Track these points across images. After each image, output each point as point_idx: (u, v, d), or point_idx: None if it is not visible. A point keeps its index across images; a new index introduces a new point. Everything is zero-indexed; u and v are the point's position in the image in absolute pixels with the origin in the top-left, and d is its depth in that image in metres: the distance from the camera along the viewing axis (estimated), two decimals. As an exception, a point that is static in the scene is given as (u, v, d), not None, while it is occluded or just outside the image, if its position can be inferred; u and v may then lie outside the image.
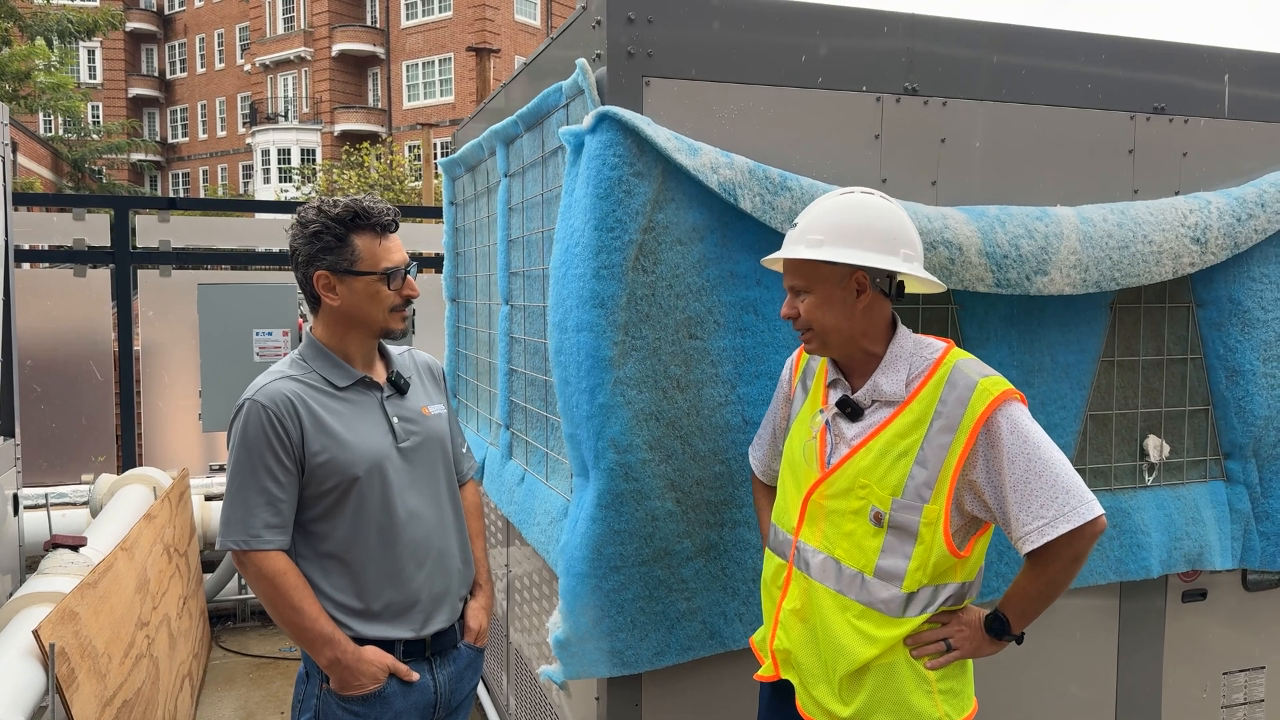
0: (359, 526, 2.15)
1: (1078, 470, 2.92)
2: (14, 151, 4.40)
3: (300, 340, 5.15)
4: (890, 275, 2.02)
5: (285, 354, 5.07)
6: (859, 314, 2.02)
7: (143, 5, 48.69)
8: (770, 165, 2.53)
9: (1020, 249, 2.67)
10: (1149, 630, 3.17)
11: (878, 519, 1.97)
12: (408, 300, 2.25)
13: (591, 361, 2.46)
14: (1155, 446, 3.05)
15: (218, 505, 5.74)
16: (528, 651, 3.42)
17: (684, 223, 2.50)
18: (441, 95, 38.23)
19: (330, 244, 2.16)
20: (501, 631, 3.82)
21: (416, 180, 25.74)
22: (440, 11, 38.47)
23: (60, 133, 31.33)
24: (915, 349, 2.04)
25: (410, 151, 33.10)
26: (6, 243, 4.46)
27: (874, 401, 2.03)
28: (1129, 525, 3.00)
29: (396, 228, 2.26)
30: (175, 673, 3.94)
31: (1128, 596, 3.13)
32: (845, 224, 2.00)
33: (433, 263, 6.64)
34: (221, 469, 5.91)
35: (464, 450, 2.56)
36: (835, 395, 2.09)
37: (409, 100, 39.52)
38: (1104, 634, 3.12)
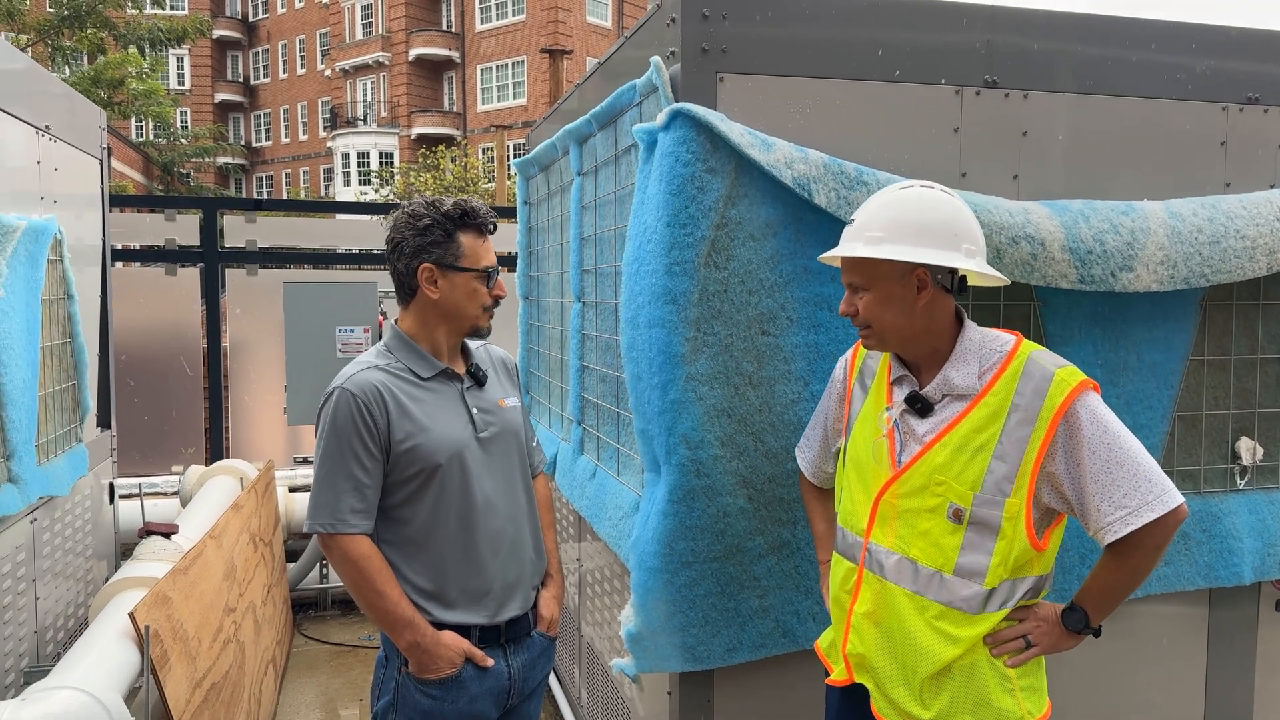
0: (439, 513, 2.21)
1: (1165, 472, 2.86)
2: (109, 156, 4.59)
3: (380, 336, 5.28)
4: (952, 271, 1.98)
5: (367, 350, 5.22)
6: (920, 311, 1.98)
7: (229, 13, 50.30)
8: (847, 160, 2.51)
9: (1105, 244, 2.61)
10: (1240, 640, 3.06)
11: (957, 515, 1.93)
12: (497, 300, 2.32)
13: (663, 357, 2.47)
14: (1248, 449, 2.94)
15: (302, 496, 5.90)
16: (600, 645, 3.45)
17: (757, 218, 2.50)
18: (515, 98, 38.67)
19: (439, 239, 2.22)
20: (574, 625, 3.86)
21: (490, 182, 26.08)
22: (514, 15, 38.91)
23: (151, 138, 32.55)
24: (984, 342, 2.00)
25: (484, 153, 33.57)
26: (104, 242, 4.66)
27: (945, 396, 1.99)
28: (1219, 530, 2.90)
29: (495, 230, 2.32)
30: (260, 658, 4.07)
31: (1218, 604, 3.03)
32: (905, 220, 1.95)
33: (505, 261, 6.74)
34: (305, 461, 6.08)
35: (534, 444, 2.60)
36: (901, 392, 2.05)
37: (483, 103, 40.06)
38: (1192, 642, 3.02)
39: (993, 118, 2.68)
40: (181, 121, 45.12)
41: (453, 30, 41.84)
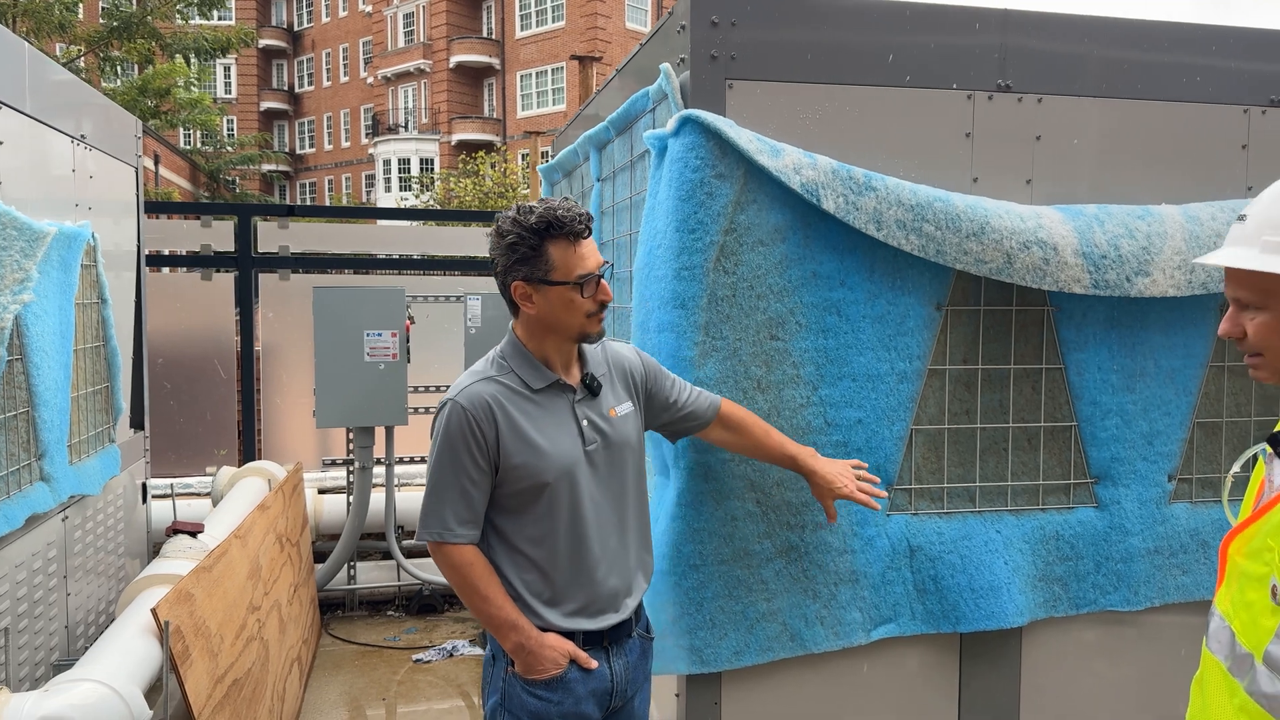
0: (547, 524, 2.23)
1: (1181, 479, 2.81)
2: (156, 163, 4.72)
3: (407, 340, 5.35)
4: None
5: (394, 355, 5.29)
6: None
7: (274, 22, 51.18)
8: (856, 166, 2.51)
9: (1120, 249, 2.58)
10: None
11: (1275, 593, 1.56)
12: (603, 305, 2.26)
13: (672, 361, 2.49)
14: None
15: (330, 498, 6.00)
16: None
17: (766, 224, 2.51)
18: (554, 104, 38.89)
19: (526, 254, 2.17)
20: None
21: (527, 187, 26.27)
22: (553, 21, 39.16)
23: (198, 145, 33.21)
24: None
25: (524, 160, 33.81)
26: (139, 248, 4.78)
27: None
28: (1241, 540, 2.84)
29: (590, 232, 2.23)
30: (285, 656, 4.14)
31: None
32: None
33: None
34: (334, 464, 6.17)
35: (691, 396, 2.44)
36: None
37: (523, 109, 40.33)
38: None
39: (1005, 122, 2.67)
40: (227, 129, 45.96)
41: (493, 37, 42.19)
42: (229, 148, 34.00)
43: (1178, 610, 2.86)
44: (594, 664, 2.26)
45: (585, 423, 2.27)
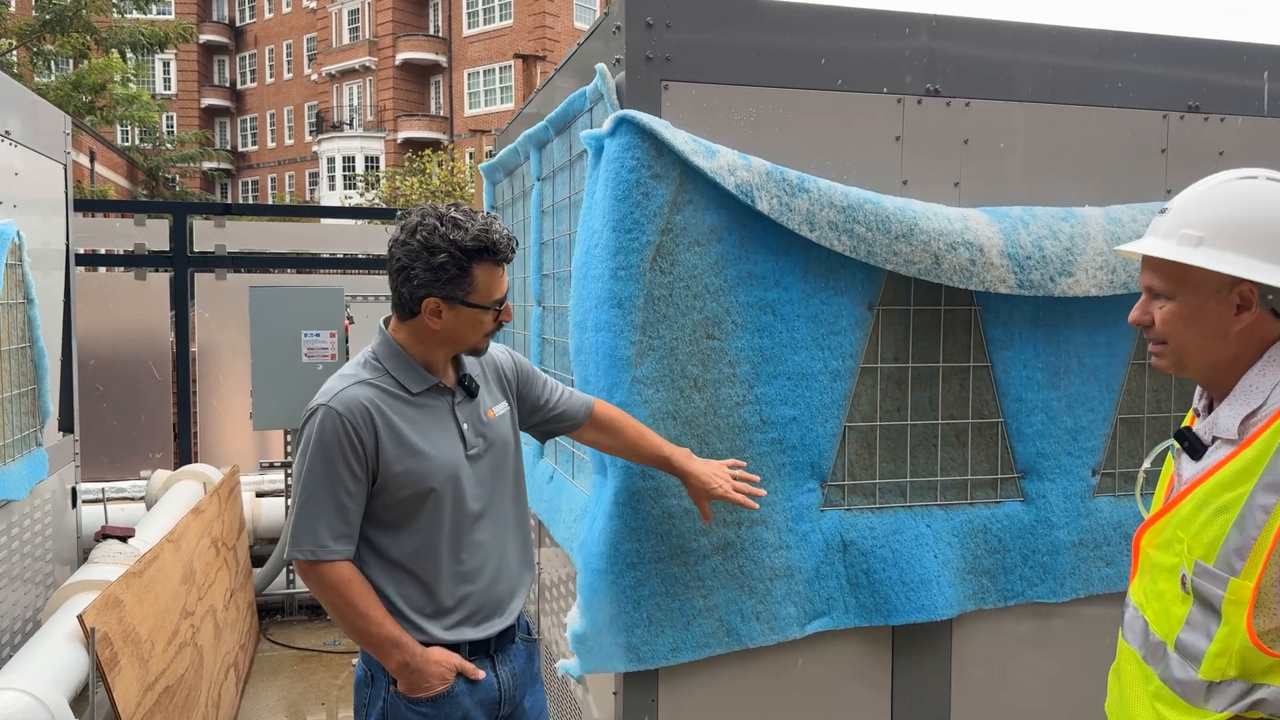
0: (429, 534, 2.14)
1: (1105, 474, 2.90)
2: (92, 160, 4.60)
3: (346, 341, 5.29)
4: None
5: (332, 355, 5.22)
6: (1234, 336, 1.60)
7: (215, 17, 50.18)
8: (790, 167, 2.55)
9: (1044, 250, 2.65)
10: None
11: (1184, 583, 1.62)
12: (501, 325, 2.22)
13: (609, 361, 2.50)
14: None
15: (268, 501, 5.90)
16: (555, 648, 3.47)
17: (701, 224, 2.53)
18: (502, 102, 38.71)
19: (453, 275, 2.07)
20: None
21: (474, 187, 26.11)
22: (501, 20, 38.98)
23: (137, 142, 32.42)
24: (1277, 380, 1.58)
25: (471, 158, 33.58)
26: (68, 247, 4.66)
27: (1215, 439, 1.65)
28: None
29: (513, 258, 2.18)
30: (220, 662, 4.07)
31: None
32: (1237, 219, 1.57)
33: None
34: (272, 466, 6.07)
35: (564, 396, 2.45)
36: (1199, 423, 1.73)
37: (470, 108, 40.08)
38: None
39: (934, 126, 2.72)
40: (167, 126, 44.96)
41: (440, 35, 41.86)
42: (168, 145, 33.24)
43: (1103, 601, 2.95)
44: (481, 674, 2.19)
45: (466, 425, 2.20)
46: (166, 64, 47.95)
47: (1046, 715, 2.95)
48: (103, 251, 6.85)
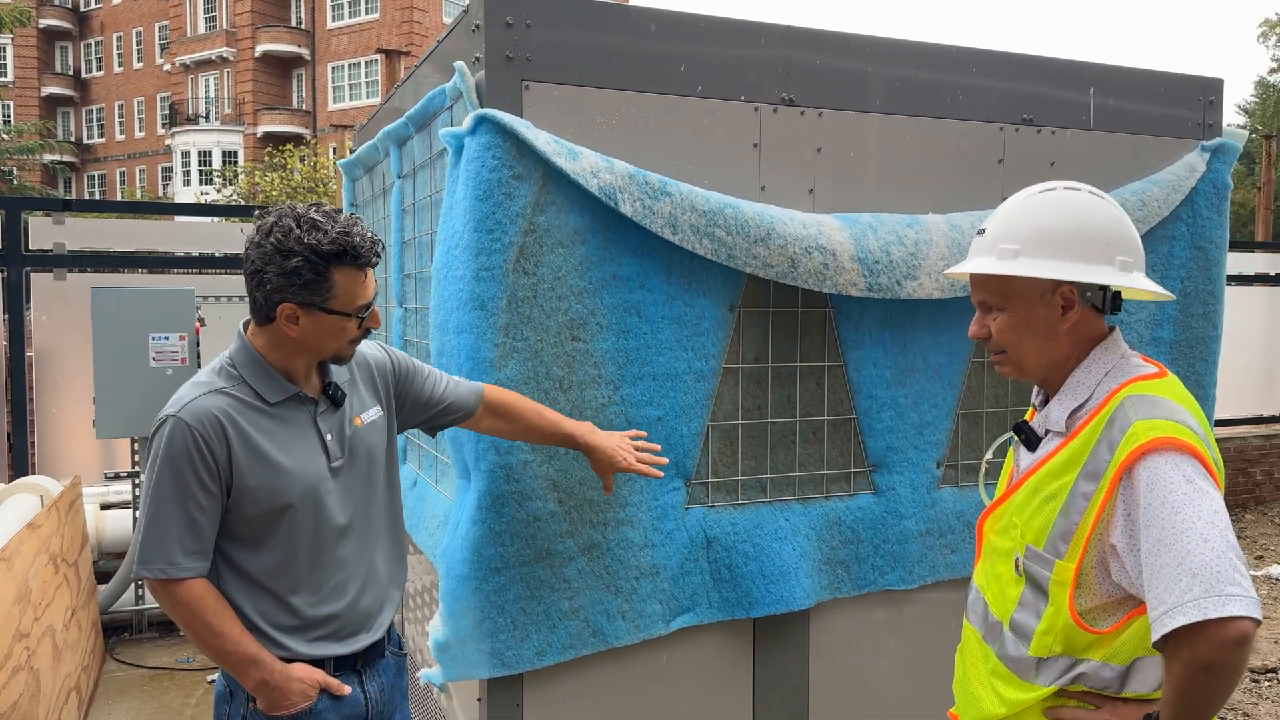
0: (288, 549, 2.05)
1: (948, 466, 3.05)
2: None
3: (198, 344, 5.05)
4: (1104, 287, 1.73)
5: (182, 359, 4.98)
6: (1063, 335, 1.74)
7: (57, 2, 47.08)
8: (652, 171, 2.58)
9: (891, 255, 2.77)
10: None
11: (1016, 566, 1.75)
12: (368, 331, 2.12)
13: (472, 363, 2.48)
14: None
15: (113, 514, 5.58)
16: (420, 657, 3.41)
17: (566, 225, 2.53)
18: (368, 97, 37.68)
19: (309, 280, 1.95)
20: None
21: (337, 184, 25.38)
22: (367, 13, 37.99)
23: (-34, 132, 30.12)
24: (1103, 374, 1.73)
25: (334, 154, 32.61)
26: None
27: (1048, 431, 1.79)
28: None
29: (379, 262, 2.07)
30: (60, 686, 3.83)
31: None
32: (1047, 229, 1.70)
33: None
34: (118, 477, 5.75)
35: (449, 386, 2.35)
36: (1036, 416, 1.86)
37: (334, 102, 38.89)
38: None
39: (789, 134, 2.81)
40: (4, 116, 41.95)
41: (302, 27, 40.47)
42: (4, 135, 31.00)
43: (949, 587, 3.10)
44: (347, 690, 2.12)
45: (330, 437, 2.10)
46: (2, 49, 44.75)
47: (899, 696, 3.08)
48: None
